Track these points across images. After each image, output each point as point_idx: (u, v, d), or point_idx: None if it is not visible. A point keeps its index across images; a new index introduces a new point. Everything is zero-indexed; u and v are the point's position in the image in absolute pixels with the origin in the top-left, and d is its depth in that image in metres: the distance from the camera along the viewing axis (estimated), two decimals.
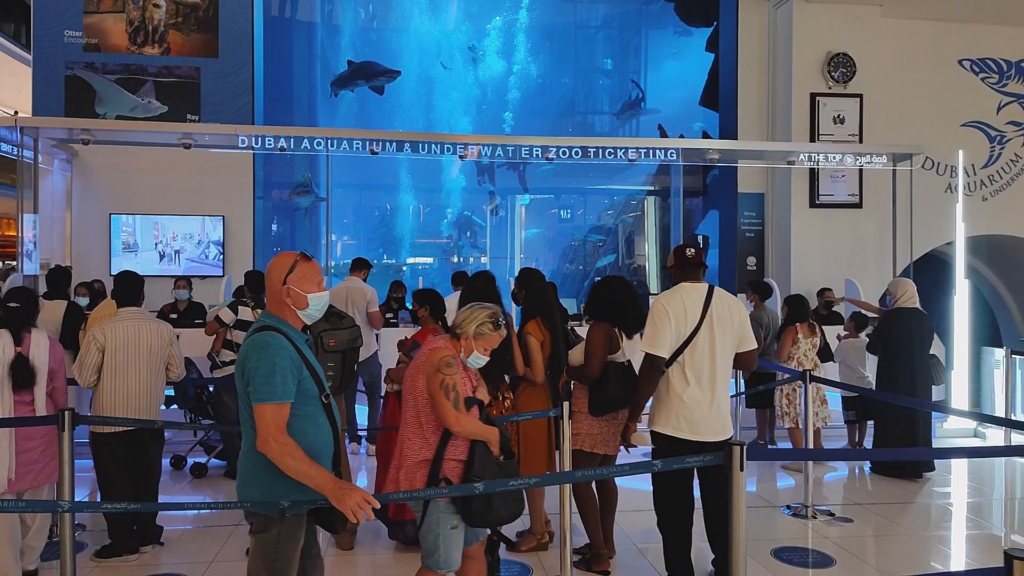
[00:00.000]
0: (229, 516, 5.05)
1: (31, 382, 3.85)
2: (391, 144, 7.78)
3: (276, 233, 14.09)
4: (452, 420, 2.87)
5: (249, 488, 2.46)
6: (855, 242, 9.33)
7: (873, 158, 8.72)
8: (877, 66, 9.46)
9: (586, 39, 18.31)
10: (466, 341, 3.02)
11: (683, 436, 3.60)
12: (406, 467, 2.96)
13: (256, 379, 2.35)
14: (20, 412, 3.83)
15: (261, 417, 2.34)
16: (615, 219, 16.66)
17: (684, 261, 3.77)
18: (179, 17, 9.07)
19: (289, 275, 2.53)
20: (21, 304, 3.93)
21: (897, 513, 5.40)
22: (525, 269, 4.60)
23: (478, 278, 4.36)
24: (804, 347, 6.40)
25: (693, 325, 3.61)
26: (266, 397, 2.34)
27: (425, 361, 2.95)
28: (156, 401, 4.38)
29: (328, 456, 2.52)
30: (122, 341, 4.23)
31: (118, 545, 4.27)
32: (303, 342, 2.55)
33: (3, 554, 3.74)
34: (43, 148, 7.78)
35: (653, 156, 8.58)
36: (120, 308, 4.37)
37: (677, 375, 3.63)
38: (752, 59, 9.79)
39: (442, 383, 2.86)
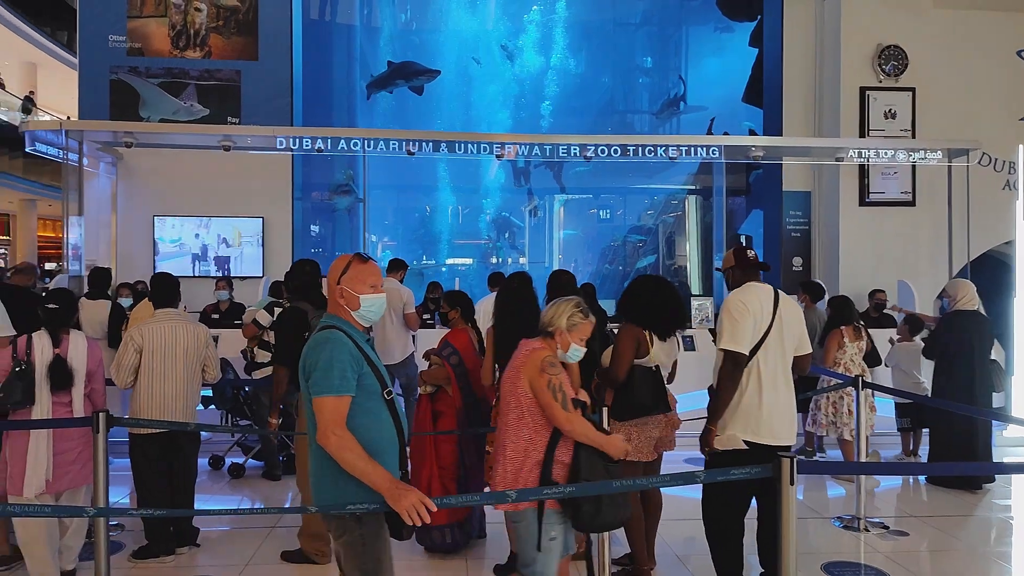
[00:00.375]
0: (266, 518, 5.04)
1: (69, 383, 3.87)
2: (427, 144, 7.73)
3: (315, 234, 14.19)
4: (563, 420, 2.81)
5: (319, 490, 2.45)
6: (908, 242, 8.98)
7: (927, 154, 8.37)
8: (930, 58, 9.09)
9: (626, 36, 18.07)
10: (561, 336, 2.96)
11: (761, 441, 3.47)
12: (507, 469, 2.89)
13: (315, 373, 2.36)
14: (58, 413, 3.85)
15: (320, 410, 2.34)
16: (655, 219, 16.39)
17: (747, 262, 3.69)
18: (220, 20, 9.17)
19: (343, 276, 2.54)
20: (60, 306, 3.95)
21: (955, 527, 5.13)
22: (555, 271, 4.48)
23: (514, 279, 4.24)
24: (850, 351, 6.13)
25: (766, 325, 3.52)
26: (324, 390, 2.33)
27: (525, 362, 2.90)
28: (192, 403, 4.37)
29: (393, 454, 2.48)
30: (159, 343, 4.23)
31: (154, 546, 4.27)
32: (363, 340, 2.54)
33: (42, 554, 3.76)
34: (89, 151, 7.93)
35: (694, 154, 8.37)
36: (157, 310, 4.37)
37: (751, 378, 3.51)
38: (798, 53, 9.51)
39: (548, 383, 2.82)
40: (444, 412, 4.40)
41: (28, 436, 3.77)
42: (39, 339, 3.86)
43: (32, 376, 3.79)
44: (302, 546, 4.25)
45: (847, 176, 9.03)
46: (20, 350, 3.83)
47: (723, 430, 3.55)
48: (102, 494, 3.26)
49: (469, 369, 4.36)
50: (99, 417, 3.31)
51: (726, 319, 3.53)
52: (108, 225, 8.77)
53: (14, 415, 3.82)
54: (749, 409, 3.50)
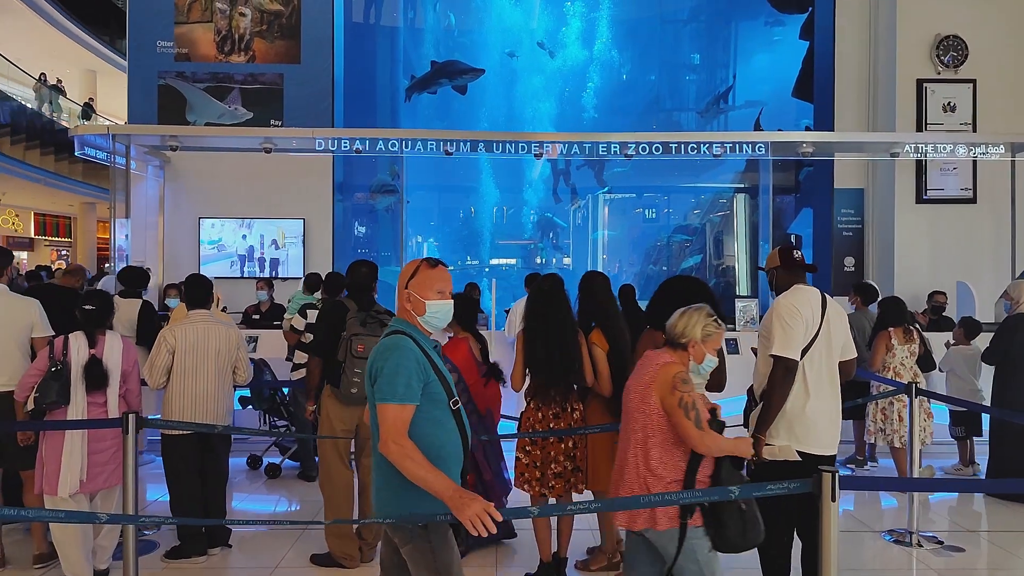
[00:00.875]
0: (298, 519, 5.04)
1: (104, 384, 3.92)
2: (466, 144, 7.68)
3: (357, 235, 14.31)
4: (696, 440, 2.70)
5: (382, 497, 2.42)
6: (968, 241, 8.56)
7: (989, 148, 7.94)
8: (991, 48, 8.65)
9: (673, 33, 17.75)
10: (695, 348, 2.86)
11: (807, 450, 3.33)
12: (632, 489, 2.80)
13: (380, 379, 2.35)
14: (93, 413, 3.90)
15: (383, 417, 2.33)
16: (702, 218, 16.05)
17: (792, 263, 3.52)
18: (263, 25, 9.29)
19: (411, 280, 2.51)
20: (96, 307, 4.01)
21: (1015, 543, 4.81)
22: (588, 273, 4.33)
23: (546, 280, 4.13)
24: (900, 355, 5.79)
25: (815, 330, 3.38)
26: (388, 397, 2.32)
27: (655, 379, 2.79)
28: (223, 404, 4.39)
29: (457, 463, 2.46)
30: (192, 343, 4.26)
31: (187, 547, 4.30)
32: (431, 347, 2.52)
33: (75, 554, 3.81)
34: (137, 155, 8.12)
35: (740, 151, 8.13)
36: (190, 311, 4.41)
37: (800, 383, 3.37)
38: (851, 45, 9.16)
39: (680, 401, 2.70)
40: None
41: (63, 436, 3.82)
42: (75, 340, 3.92)
43: (68, 377, 3.84)
44: (330, 548, 4.23)
45: (903, 172, 8.65)
46: (57, 351, 3.89)
47: (773, 439, 3.39)
48: (131, 495, 3.28)
49: (469, 384, 4.25)
50: (128, 418, 3.32)
51: (777, 324, 3.37)
52: (156, 227, 8.97)
53: (51, 415, 3.89)
54: (793, 416, 3.35)
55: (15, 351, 4.21)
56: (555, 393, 3.94)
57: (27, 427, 3.99)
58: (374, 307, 4.28)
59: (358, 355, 4.08)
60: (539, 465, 3.95)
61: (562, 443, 3.96)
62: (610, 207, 18.30)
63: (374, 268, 4.43)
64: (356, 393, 4.09)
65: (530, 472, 3.98)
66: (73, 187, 18.52)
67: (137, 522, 3.12)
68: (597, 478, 4.04)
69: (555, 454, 3.95)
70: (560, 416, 3.97)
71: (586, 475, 4.06)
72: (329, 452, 4.28)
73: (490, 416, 4.41)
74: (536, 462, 3.96)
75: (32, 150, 16.54)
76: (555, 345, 3.89)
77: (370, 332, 4.12)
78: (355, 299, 4.28)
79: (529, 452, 3.98)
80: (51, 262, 21.11)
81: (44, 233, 22.49)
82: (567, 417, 3.98)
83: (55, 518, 2.89)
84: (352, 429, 4.27)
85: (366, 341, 4.08)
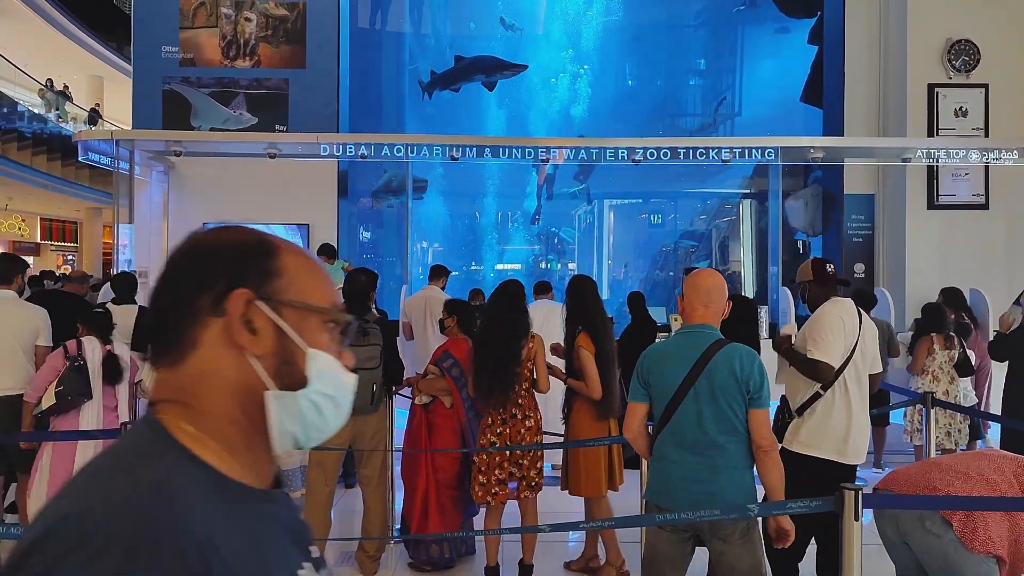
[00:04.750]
0: None
1: (120, 377, 4.00)
2: (472, 149, 7.61)
3: (362, 240, 14.24)
4: None
5: (729, 489, 2.62)
6: (981, 247, 8.44)
7: (1002, 154, 7.84)
8: (1004, 53, 8.54)
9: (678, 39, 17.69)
10: None
11: (846, 462, 3.42)
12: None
13: (763, 387, 2.61)
14: (106, 416, 3.93)
15: (763, 421, 2.62)
16: (708, 224, 15.96)
17: (826, 277, 3.61)
18: (269, 30, 9.25)
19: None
20: (106, 311, 4.12)
21: None
22: (575, 277, 4.32)
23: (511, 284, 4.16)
24: (940, 359, 5.98)
25: (853, 343, 3.46)
26: (767, 403, 2.62)
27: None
28: None
29: None
30: None
31: None
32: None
33: None
34: (141, 161, 8.07)
35: (749, 156, 8.04)
36: None
37: (842, 395, 3.43)
38: (860, 49, 9.06)
39: None
40: (438, 424, 4.25)
41: (75, 445, 3.79)
42: (89, 341, 3.99)
43: (87, 372, 3.89)
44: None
45: (914, 178, 8.54)
46: (72, 349, 3.96)
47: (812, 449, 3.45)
48: None
49: (469, 381, 4.20)
50: (125, 429, 3.25)
51: (822, 331, 3.44)
52: (160, 232, 8.92)
53: (59, 421, 3.86)
54: (838, 430, 3.41)
55: (21, 356, 4.23)
56: (494, 401, 3.93)
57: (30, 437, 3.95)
58: (365, 316, 4.19)
59: None
60: (483, 471, 3.96)
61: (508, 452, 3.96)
62: (615, 212, 18.21)
63: (373, 277, 4.36)
64: None
65: (476, 478, 4.00)
66: (79, 192, 18.53)
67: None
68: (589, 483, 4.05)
69: (500, 460, 3.94)
70: (507, 422, 3.94)
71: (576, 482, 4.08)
72: (314, 464, 4.16)
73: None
74: (482, 467, 3.96)
75: (39, 155, 16.56)
76: (491, 351, 3.90)
77: (354, 342, 4.02)
78: (349, 307, 4.19)
79: (480, 457, 4.01)
80: (57, 267, 21.11)
81: (50, 238, 22.51)
82: (516, 423, 3.95)
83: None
84: (345, 441, 4.12)
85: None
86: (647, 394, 2.72)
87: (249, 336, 0.83)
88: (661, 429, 2.69)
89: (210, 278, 0.84)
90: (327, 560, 3.17)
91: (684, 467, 2.61)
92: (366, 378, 4.02)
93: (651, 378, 2.71)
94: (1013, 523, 2.63)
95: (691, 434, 2.60)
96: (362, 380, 3.96)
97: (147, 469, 0.74)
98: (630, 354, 6.46)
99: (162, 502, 0.71)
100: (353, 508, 5.09)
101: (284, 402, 0.83)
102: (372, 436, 4.16)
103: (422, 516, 4.20)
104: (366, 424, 4.11)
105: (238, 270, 0.85)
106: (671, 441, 2.64)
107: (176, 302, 0.84)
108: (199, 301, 0.83)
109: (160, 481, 0.73)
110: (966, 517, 2.60)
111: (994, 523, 2.60)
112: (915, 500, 2.66)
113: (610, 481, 4.09)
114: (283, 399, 0.83)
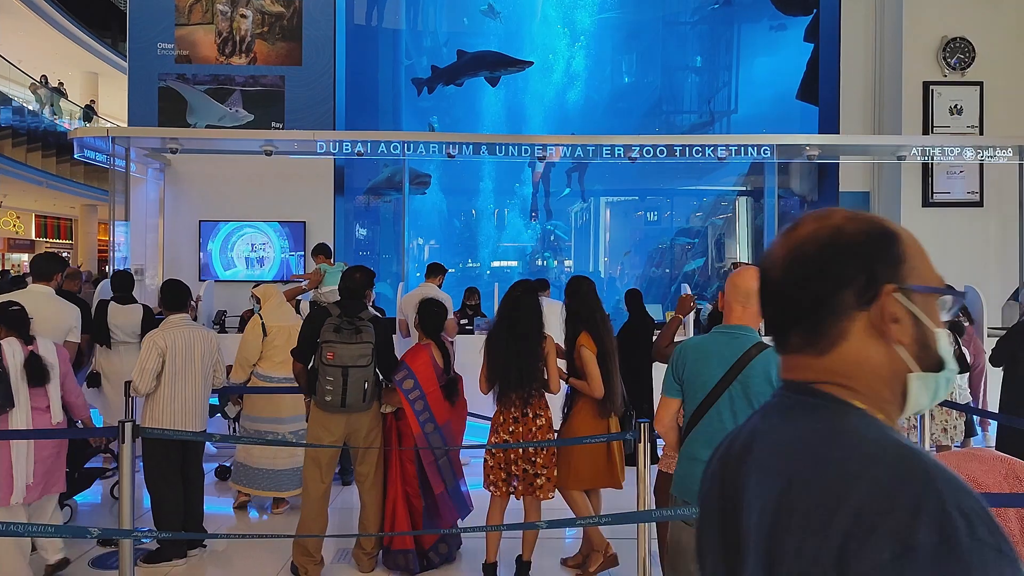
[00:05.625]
0: (277, 524, 4.98)
1: (45, 378, 3.83)
2: (468, 147, 7.61)
3: (358, 237, 14.23)
4: None
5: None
6: (976, 244, 8.48)
7: (996, 151, 7.87)
8: (999, 51, 8.58)
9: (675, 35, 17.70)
10: None
11: None
12: None
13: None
14: (37, 420, 3.81)
15: None
16: (704, 221, 15.99)
17: None
18: (265, 27, 9.23)
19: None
20: (22, 307, 3.92)
21: None
22: (574, 277, 4.31)
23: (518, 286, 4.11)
24: None
25: None
26: None
27: None
28: (207, 408, 4.43)
29: None
30: (180, 347, 4.23)
31: (166, 550, 4.28)
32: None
33: (14, 562, 3.69)
34: (137, 158, 8.05)
35: (745, 154, 8.06)
36: (169, 315, 4.36)
37: None
38: (856, 47, 9.09)
39: None
40: (407, 432, 4.22)
41: (8, 446, 3.71)
42: (8, 344, 3.79)
43: (8, 379, 3.72)
44: (293, 558, 4.18)
45: (909, 176, 8.58)
46: None
47: None
48: (127, 508, 3.20)
49: (427, 392, 4.16)
50: (125, 427, 3.25)
51: None
52: (156, 230, 8.90)
53: None
54: None
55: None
56: (515, 398, 3.95)
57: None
58: (360, 312, 4.19)
59: (328, 363, 3.97)
60: (503, 467, 3.98)
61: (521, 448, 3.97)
62: (611, 210, 18.22)
63: (369, 275, 4.36)
64: (330, 401, 3.99)
65: (495, 474, 4.00)
66: (74, 189, 18.48)
67: (131, 536, 3.04)
68: (577, 478, 4.06)
69: (515, 457, 3.97)
70: (519, 420, 3.96)
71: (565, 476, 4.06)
72: (310, 461, 4.16)
73: (448, 428, 4.25)
74: (500, 463, 3.99)
75: (34, 152, 16.50)
76: (513, 352, 3.91)
77: (343, 339, 4.00)
78: (343, 304, 4.20)
79: (495, 455, 4.02)
80: None
81: (45, 235, 22.45)
82: (528, 422, 3.97)
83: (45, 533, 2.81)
84: (340, 438, 4.12)
85: (336, 348, 3.98)
86: (680, 389, 2.70)
87: (895, 326, 0.90)
88: (692, 428, 2.65)
89: (849, 273, 0.90)
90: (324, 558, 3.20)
91: None
92: (358, 376, 4.04)
93: (686, 374, 2.68)
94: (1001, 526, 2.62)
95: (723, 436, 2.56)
96: (354, 378, 4.00)
97: (891, 435, 0.85)
98: (627, 351, 6.53)
99: (928, 460, 0.80)
100: (350, 505, 5.10)
101: (925, 382, 0.92)
102: (367, 433, 4.17)
103: (390, 522, 4.20)
104: (360, 421, 4.12)
105: (873, 264, 0.90)
106: (702, 440, 2.60)
107: (819, 298, 0.91)
108: (842, 296, 0.90)
109: (904, 443, 0.83)
110: None
111: None
112: None
113: (612, 478, 4.12)
114: (925, 379, 0.92)
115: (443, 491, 4.22)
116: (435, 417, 4.17)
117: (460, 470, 4.42)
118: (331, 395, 3.98)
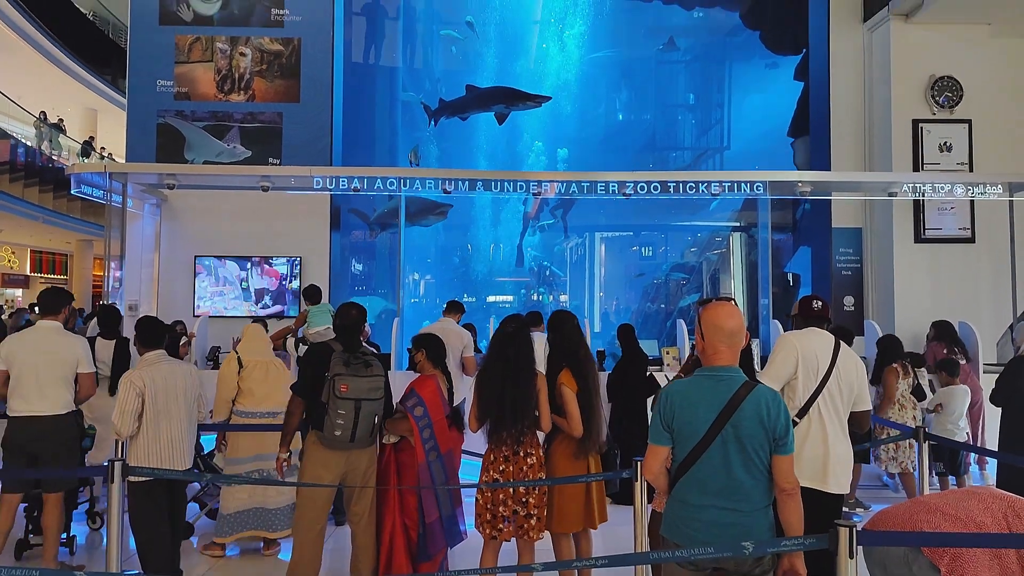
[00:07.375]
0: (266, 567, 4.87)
1: None
2: (464, 183, 7.67)
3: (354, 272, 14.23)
4: None
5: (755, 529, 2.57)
6: (968, 280, 8.53)
7: (987, 188, 7.96)
8: (986, 90, 8.73)
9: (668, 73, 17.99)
10: None
11: (828, 490, 3.46)
12: None
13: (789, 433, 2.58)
14: None
15: (788, 467, 2.58)
16: (699, 256, 16.05)
17: (810, 312, 3.78)
18: (264, 64, 9.35)
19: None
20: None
21: None
22: (557, 312, 4.27)
23: (510, 323, 4.06)
24: (902, 387, 6.20)
25: (824, 369, 3.52)
26: (792, 449, 2.58)
27: None
28: (192, 445, 4.32)
29: None
30: (161, 385, 4.12)
31: None
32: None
33: None
34: (134, 193, 8.08)
35: (738, 190, 8.13)
36: (145, 353, 4.26)
37: (817, 424, 3.49)
38: (846, 86, 9.24)
39: None
40: (407, 464, 4.17)
41: None
42: None
43: None
44: None
45: (901, 212, 8.66)
46: None
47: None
48: (115, 550, 3.13)
49: (434, 421, 4.12)
50: (114, 466, 3.20)
51: (772, 355, 3.64)
52: (151, 265, 8.90)
53: None
54: (814, 458, 3.44)
55: (59, 383, 4.52)
56: (506, 436, 3.88)
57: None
58: (360, 348, 4.18)
59: (341, 395, 3.91)
60: (489, 507, 3.90)
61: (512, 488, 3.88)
62: (606, 245, 18.29)
63: (364, 311, 4.36)
64: (340, 436, 3.92)
65: (483, 515, 3.92)
66: (71, 224, 18.50)
67: None
68: (565, 520, 3.97)
69: (504, 497, 3.88)
70: (510, 459, 3.89)
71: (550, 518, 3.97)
72: (307, 500, 4.06)
73: (450, 457, 4.23)
74: (488, 504, 3.90)
75: (31, 187, 16.55)
76: (508, 389, 3.86)
77: (353, 372, 3.97)
78: (342, 340, 4.18)
79: (484, 493, 3.93)
80: None
81: (40, 270, 22.40)
82: (519, 461, 3.90)
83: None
84: (340, 475, 4.05)
85: (349, 381, 3.93)
86: (670, 437, 2.66)
87: None
88: (682, 473, 2.63)
89: None
90: None
91: (707, 511, 2.57)
92: (370, 409, 3.99)
93: (675, 422, 2.64)
94: (1003, 566, 2.60)
95: (717, 480, 2.56)
96: (366, 411, 3.96)
97: None
98: (621, 388, 6.47)
99: None
100: (343, 546, 5.01)
101: None
102: (364, 471, 4.11)
103: (388, 558, 4.13)
104: (360, 459, 4.06)
105: None
106: (694, 485, 2.59)
107: None
108: None
109: None
110: (953, 560, 2.58)
111: (982, 566, 2.58)
112: (911, 537, 2.64)
113: (588, 518, 4.05)
114: None
115: (436, 519, 4.15)
116: (439, 445, 4.14)
117: (459, 498, 4.37)
118: (341, 429, 3.91)
